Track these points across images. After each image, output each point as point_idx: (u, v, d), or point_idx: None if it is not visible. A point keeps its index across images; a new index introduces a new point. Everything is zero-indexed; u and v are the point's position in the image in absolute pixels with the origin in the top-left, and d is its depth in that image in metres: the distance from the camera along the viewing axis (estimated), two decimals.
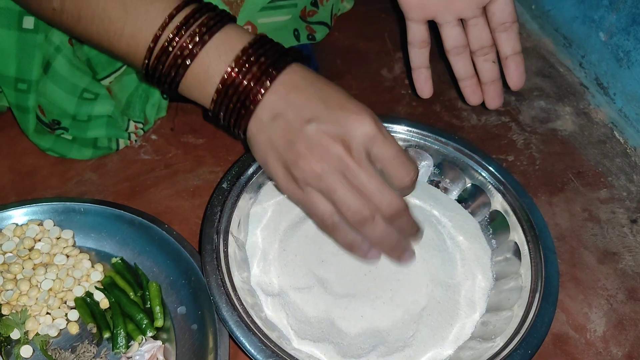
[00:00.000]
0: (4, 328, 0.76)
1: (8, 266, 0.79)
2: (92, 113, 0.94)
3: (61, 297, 0.80)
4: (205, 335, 0.75)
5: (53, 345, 0.77)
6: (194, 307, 0.78)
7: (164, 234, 0.83)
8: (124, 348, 0.77)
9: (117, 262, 0.82)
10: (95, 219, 0.85)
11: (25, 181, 0.95)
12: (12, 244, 0.81)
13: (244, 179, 0.86)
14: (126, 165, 0.98)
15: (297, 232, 0.85)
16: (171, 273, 0.81)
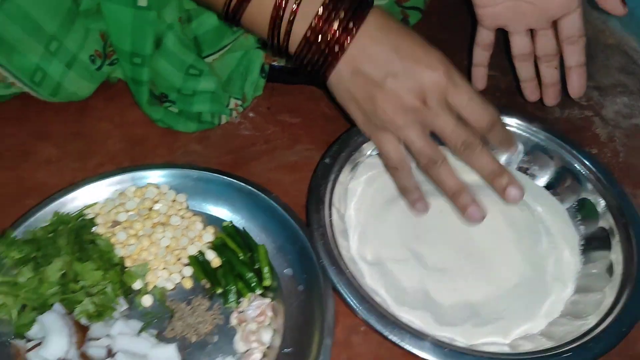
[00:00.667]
0: (128, 278, 0.83)
1: (130, 223, 0.86)
2: (197, 88, 1.00)
3: (177, 255, 0.87)
4: (311, 295, 0.81)
5: (170, 297, 0.84)
6: (299, 270, 0.84)
7: (271, 202, 0.88)
8: (234, 303, 0.83)
9: (228, 226, 0.89)
10: (207, 185, 0.91)
11: (136, 149, 1.02)
12: (133, 203, 0.88)
13: (344, 155, 0.92)
14: (228, 139, 1.05)
15: (393, 208, 0.90)
16: (278, 238, 0.87)
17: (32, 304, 0.77)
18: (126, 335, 0.75)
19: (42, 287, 0.77)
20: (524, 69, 0.97)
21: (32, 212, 0.84)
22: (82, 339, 0.74)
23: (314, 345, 0.76)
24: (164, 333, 0.80)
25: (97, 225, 0.87)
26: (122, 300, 0.82)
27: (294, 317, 0.81)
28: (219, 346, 0.80)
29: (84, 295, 0.77)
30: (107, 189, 0.90)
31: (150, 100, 1.01)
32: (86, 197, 0.88)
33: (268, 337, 0.79)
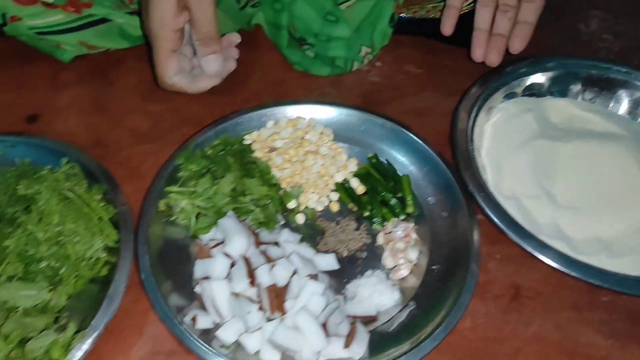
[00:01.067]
0: (285, 197, 0.91)
1: (285, 150, 0.95)
2: (333, 34, 1.08)
3: (325, 181, 0.95)
4: (455, 221, 0.88)
5: (320, 217, 0.93)
6: (442, 198, 0.91)
7: (412, 137, 0.96)
8: (380, 225, 0.91)
9: (372, 157, 0.96)
10: (352, 121, 0.99)
11: (277, 89, 1.10)
12: (287, 132, 0.96)
13: (481, 98, 0.98)
14: (359, 85, 1.12)
15: (527, 149, 0.96)
16: (420, 170, 0.95)
17: (207, 211, 0.86)
18: (291, 243, 0.84)
19: (217, 197, 0.86)
20: (483, 14, 1.00)
21: (201, 133, 0.93)
22: (256, 241, 0.82)
23: (461, 266, 0.83)
24: (317, 247, 0.89)
25: (254, 150, 0.96)
26: (279, 216, 0.90)
27: (439, 239, 0.88)
28: (367, 261, 0.88)
29: (253, 206, 0.86)
30: (260, 120, 0.98)
31: (290, 44, 1.09)
32: (245, 125, 0.97)
33: (415, 255, 0.86)
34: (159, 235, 0.83)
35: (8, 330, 0.71)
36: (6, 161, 0.90)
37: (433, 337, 0.75)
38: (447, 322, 0.76)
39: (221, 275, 0.78)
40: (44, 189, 0.81)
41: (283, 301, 0.76)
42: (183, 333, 0.73)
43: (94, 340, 0.72)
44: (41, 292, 0.75)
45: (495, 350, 0.80)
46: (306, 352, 0.73)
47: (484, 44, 1.00)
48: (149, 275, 0.77)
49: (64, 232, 0.79)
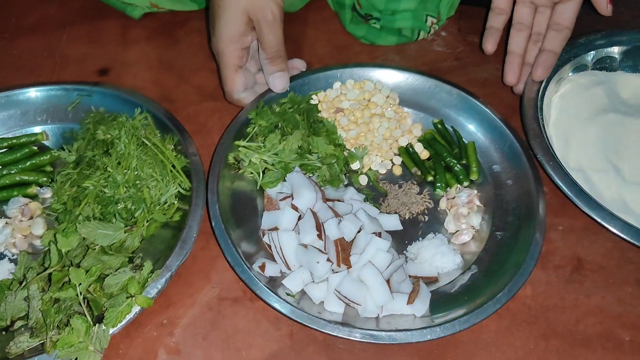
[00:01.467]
0: (350, 158, 0.92)
1: (351, 111, 0.96)
2: (397, 9, 1.07)
3: (389, 144, 0.96)
4: (520, 189, 0.87)
5: (383, 180, 0.93)
6: (508, 166, 0.91)
7: (479, 105, 0.95)
8: (443, 190, 0.91)
9: (439, 122, 0.96)
10: (417, 85, 0.99)
11: (341, 54, 1.11)
12: (353, 94, 0.97)
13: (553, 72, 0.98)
14: (422, 53, 1.12)
15: (597, 122, 0.95)
16: (486, 137, 0.94)
17: (275, 166, 0.88)
18: (357, 201, 0.85)
19: (284, 153, 0.87)
20: (517, 39, 1.01)
21: (268, 92, 0.95)
22: (323, 197, 0.84)
23: (525, 234, 0.82)
24: (380, 207, 0.90)
25: (321, 110, 0.97)
26: (343, 176, 0.91)
27: (503, 206, 0.88)
28: (429, 225, 0.88)
29: (320, 164, 0.87)
30: (327, 81, 0.99)
31: (354, 20, 1.10)
32: (312, 85, 0.98)
33: (478, 221, 0.87)
34: (227, 187, 0.86)
35: (88, 264, 0.75)
36: (82, 110, 0.95)
37: (495, 301, 0.75)
38: (509, 287, 0.76)
39: (289, 226, 0.80)
40: (123, 134, 0.84)
41: (349, 255, 0.77)
42: (252, 279, 0.75)
43: (168, 280, 0.75)
44: (118, 232, 0.78)
45: (555, 319, 0.80)
46: (370, 305, 0.74)
47: (517, 69, 1.00)
48: (219, 223, 0.80)
49: (141, 176, 0.83)
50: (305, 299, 0.77)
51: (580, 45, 1.02)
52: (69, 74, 1.06)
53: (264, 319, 0.78)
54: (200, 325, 0.77)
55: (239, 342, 0.76)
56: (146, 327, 0.77)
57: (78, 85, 0.96)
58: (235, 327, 0.77)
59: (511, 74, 1.00)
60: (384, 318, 0.76)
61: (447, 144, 0.94)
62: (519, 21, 1.00)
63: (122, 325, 0.71)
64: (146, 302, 0.72)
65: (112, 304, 0.71)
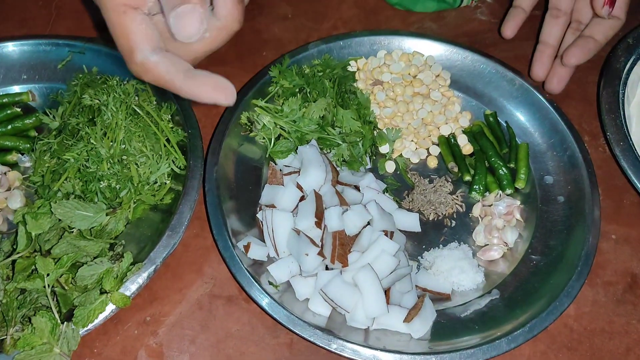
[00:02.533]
0: (379, 139, 0.80)
1: (392, 86, 0.83)
2: None
3: (429, 130, 0.82)
4: (575, 210, 0.73)
5: (412, 170, 0.81)
6: (562, 180, 0.76)
7: (542, 101, 0.80)
8: (480, 195, 0.77)
9: (491, 115, 0.82)
10: (475, 67, 0.84)
11: (370, 18, 0.97)
12: (398, 67, 0.84)
13: None
14: (463, 22, 0.97)
15: None
16: (544, 141, 0.79)
17: (290, 135, 0.77)
18: (374, 190, 0.73)
19: (303, 122, 0.76)
20: (551, 27, 0.83)
21: (299, 51, 0.83)
22: (335, 179, 0.73)
23: (567, 262, 0.68)
24: (402, 202, 0.77)
25: (357, 80, 0.84)
26: (368, 159, 0.80)
27: (547, 226, 0.74)
28: (455, 232, 0.76)
29: (341, 140, 0.76)
30: (371, 47, 0.86)
31: None
32: (353, 49, 0.85)
33: (513, 238, 0.73)
34: (233, 149, 0.76)
35: (60, 252, 0.65)
36: (74, 68, 0.83)
37: (521, 332, 0.63)
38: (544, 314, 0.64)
39: (288, 206, 0.70)
40: (111, 101, 0.73)
41: (348, 252, 0.66)
42: (233, 258, 0.66)
43: (151, 275, 0.65)
44: (99, 213, 0.68)
45: (601, 346, 0.68)
46: (359, 315, 0.63)
47: (546, 62, 0.83)
48: (213, 188, 0.70)
49: (129, 151, 0.72)
50: (290, 292, 0.67)
51: None
52: (65, 27, 0.94)
53: (260, 324, 0.68)
54: (188, 326, 0.68)
55: (231, 348, 0.67)
56: (126, 324, 0.68)
57: (70, 41, 0.84)
58: (227, 330, 0.68)
59: (539, 67, 0.83)
60: (374, 332, 0.65)
61: (496, 142, 0.80)
62: (555, 6, 0.84)
63: (99, 321, 0.63)
64: (123, 301, 0.63)
65: (82, 301, 0.62)
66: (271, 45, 0.93)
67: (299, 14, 0.96)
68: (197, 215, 0.74)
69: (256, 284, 0.64)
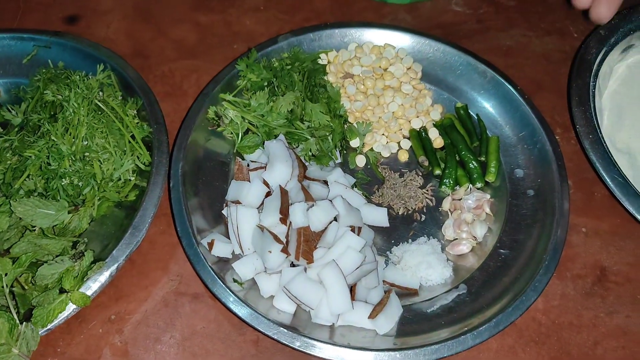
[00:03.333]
0: (349, 132, 0.79)
1: (362, 79, 0.82)
2: None
3: (400, 124, 0.82)
4: (544, 203, 0.72)
5: (383, 164, 0.80)
6: (532, 174, 0.75)
7: (513, 94, 0.79)
8: (450, 188, 0.77)
9: (462, 107, 0.81)
10: (447, 60, 0.83)
11: (343, 9, 0.96)
12: (369, 59, 0.83)
13: (621, 32, 0.83)
14: (438, 13, 0.96)
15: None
16: (514, 134, 0.79)
17: (258, 130, 0.76)
18: (341, 185, 0.72)
19: (271, 116, 0.75)
20: None
21: (268, 44, 0.82)
22: (302, 174, 0.72)
23: (535, 256, 0.68)
24: (371, 197, 0.77)
25: (328, 73, 0.83)
26: (338, 153, 0.79)
27: (516, 219, 0.73)
28: (425, 226, 0.75)
29: (309, 135, 0.75)
30: (342, 40, 0.85)
31: None
32: (324, 42, 0.84)
33: (482, 232, 0.72)
34: (200, 145, 0.75)
35: (19, 251, 0.64)
36: (39, 63, 0.81)
37: (486, 328, 0.62)
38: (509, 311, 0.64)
39: (253, 202, 0.69)
40: (72, 96, 0.72)
41: (313, 248, 0.65)
42: (197, 255, 0.65)
43: (113, 273, 0.64)
44: (61, 212, 0.67)
45: (569, 339, 0.68)
46: (323, 312, 0.63)
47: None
48: (178, 184, 0.69)
49: (91, 148, 0.70)
50: (255, 289, 0.66)
51: None
52: (33, 21, 0.93)
53: (227, 321, 0.68)
54: (154, 324, 0.68)
55: (196, 346, 0.66)
56: (91, 323, 0.67)
57: (35, 35, 0.82)
58: (193, 328, 0.67)
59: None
60: (339, 328, 0.64)
61: (467, 135, 0.80)
62: None
63: (60, 320, 0.62)
64: (83, 301, 0.62)
65: (40, 301, 0.60)
66: (242, 37, 0.91)
67: (271, 6, 0.95)
68: (163, 211, 0.73)
69: (220, 282, 0.64)
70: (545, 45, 0.91)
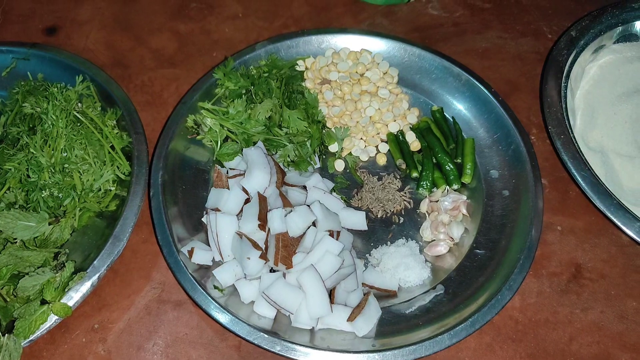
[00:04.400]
0: (327, 138, 0.80)
1: (339, 85, 0.83)
2: None
3: (377, 128, 0.83)
4: (519, 203, 0.73)
5: (362, 168, 0.81)
6: (507, 175, 0.77)
7: (487, 96, 0.81)
8: (427, 191, 0.78)
9: (437, 111, 0.83)
10: (423, 64, 0.85)
11: (320, 15, 0.97)
12: (345, 65, 0.84)
13: (592, 33, 0.85)
14: (415, 17, 0.97)
15: (632, 101, 0.80)
16: (489, 136, 0.80)
17: (237, 137, 0.77)
18: (320, 190, 0.73)
19: (250, 123, 0.76)
20: None
21: (246, 52, 0.83)
22: (281, 180, 0.73)
23: (510, 255, 0.70)
24: (350, 200, 0.78)
25: (306, 79, 0.84)
26: (317, 158, 0.80)
27: (491, 220, 0.75)
28: (403, 228, 0.76)
29: (287, 141, 0.76)
30: (319, 47, 0.86)
31: None
32: (301, 49, 0.85)
33: (459, 233, 0.74)
34: (179, 153, 0.76)
35: (0, 264, 0.64)
36: (18, 75, 0.81)
37: (456, 331, 0.63)
38: (481, 312, 0.65)
39: (232, 209, 0.70)
40: (51, 108, 0.72)
41: (292, 254, 0.66)
42: (178, 263, 0.66)
43: (95, 283, 0.65)
44: (41, 223, 0.67)
45: (545, 336, 0.69)
46: (302, 316, 0.64)
47: None
48: (158, 193, 0.70)
49: (71, 159, 0.71)
50: (236, 295, 0.67)
51: (633, 10, 0.86)
52: (12, 33, 0.93)
53: (209, 327, 0.68)
54: (137, 332, 0.68)
55: (179, 352, 0.67)
56: (74, 332, 0.68)
57: (13, 47, 0.82)
58: (175, 335, 0.68)
59: None
60: (319, 332, 0.65)
61: (443, 137, 0.81)
62: None
63: (43, 330, 0.62)
64: (64, 311, 0.62)
65: (22, 312, 0.61)
66: (221, 45, 0.92)
67: (249, 13, 0.96)
68: (145, 220, 0.74)
69: (201, 289, 0.64)
70: (520, 46, 0.93)
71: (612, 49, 0.85)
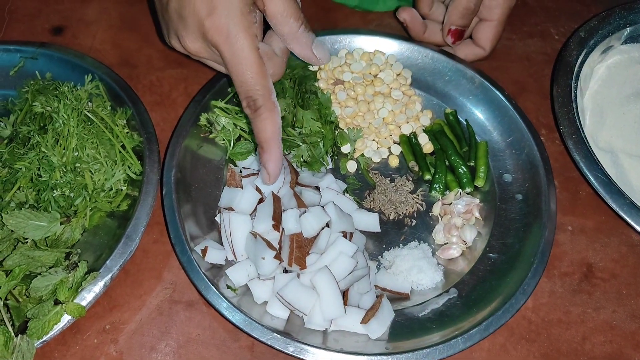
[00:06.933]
0: (340, 138, 0.80)
1: (353, 85, 0.83)
2: None
3: (390, 130, 0.82)
4: (532, 207, 0.73)
5: (374, 170, 0.81)
6: (520, 178, 0.77)
7: (501, 99, 0.81)
8: (440, 193, 0.78)
9: (451, 113, 0.82)
10: (436, 66, 0.85)
11: (328, 16, 0.97)
12: (359, 66, 0.84)
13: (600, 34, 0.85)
14: None
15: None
16: (502, 139, 0.80)
17: (249, 136, 0.77)
18: (333, 191, 0.73)
19: None
20: None
21: None
22: (294, 181, 0.72)
23: (524, 259, 0.69)
24: (363, 202, 0.78)
25: (319, 80, 0.84)
26: (329, 159, 0.80)
27: (504, 224, 0.74)
28: (415, 231, 0.76)
29: (301, 141, 0.76)
30: (333, 47, 0.86)
31: None
32: None
33: (472, 236, 0.74)
34: (192, 152, 0.76)
35: (12, 263, 0.63)
36: (26, 75, 0.80)
37: (470, 335, 0.63)
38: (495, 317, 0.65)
39: (246, 209, 0.69)
40: (62, 108, 0.72)
41: (306, 254, 0.66)
42: (191, 262, 0.66)
43: (107, 283, 0.64)
44: (53, 223, 0.67)
45: (558, 336, 0.69)
46: (316, 317, 0.64)
47: None
48: (170, 191, 0.70)
49: (82, 159, 0.70)
50: (249, 295, 0.67)
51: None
52: (18, 32, 0.92)
53: (221, 328, 0.68)
54: (148, 333, 0.68)
55: (192, 353, 0.67)
56: (86, 333, 0.67)
57: (21, 46, 0.82)
58: (188, 335, 0.68)
59: None
60: (332, 333, 0.65)
61: (456, 140, 0.81)
62: None
63: (56, 331, 0.61)
64: (78, 312, 0.62)
65: (35, 313, 0.60)
66: None
67: None
68: (156, 220, 0.74)
69: (214, 289, 0.64)
70: (528, 47, 0.93)
71: (620, 50, 0.86)
